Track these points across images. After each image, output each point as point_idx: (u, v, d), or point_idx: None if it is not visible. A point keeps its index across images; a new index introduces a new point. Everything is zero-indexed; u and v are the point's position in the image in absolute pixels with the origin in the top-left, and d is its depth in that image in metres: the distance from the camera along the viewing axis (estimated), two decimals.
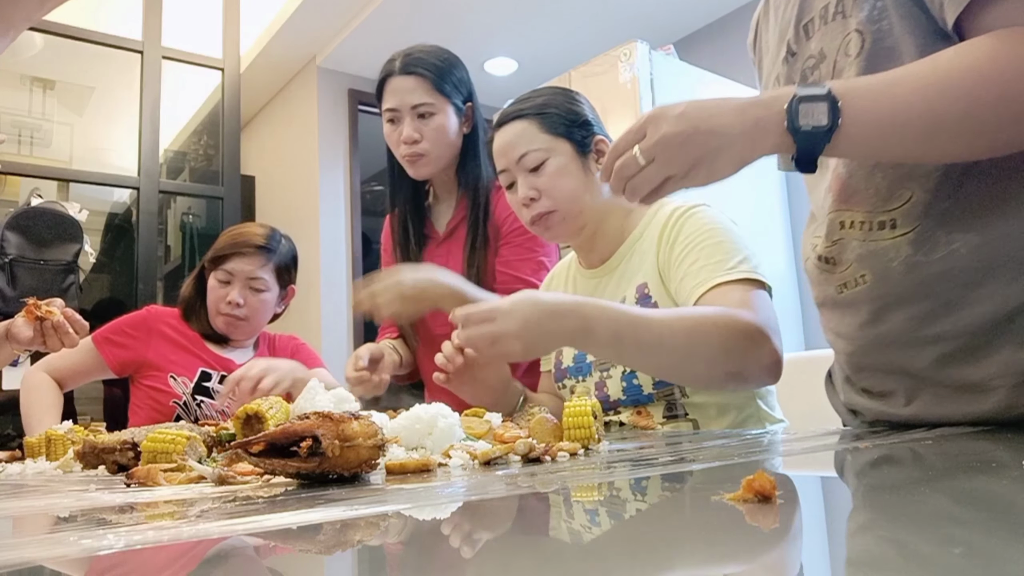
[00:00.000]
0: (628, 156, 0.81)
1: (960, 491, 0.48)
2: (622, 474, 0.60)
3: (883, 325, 0.83)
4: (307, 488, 0.59)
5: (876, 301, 0.83)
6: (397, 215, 1.72)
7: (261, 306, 1.81)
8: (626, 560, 0.33)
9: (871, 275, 0.83)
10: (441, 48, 1.60)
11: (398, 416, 0.79)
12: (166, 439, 0.77)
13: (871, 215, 0.82)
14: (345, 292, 4.25)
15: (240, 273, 1.77)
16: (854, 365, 0.91)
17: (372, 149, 4.93)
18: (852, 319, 0.87)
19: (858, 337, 0.87)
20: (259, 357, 1.90)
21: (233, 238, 1.81)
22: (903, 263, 0.79)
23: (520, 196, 1.26)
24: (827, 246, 0.88)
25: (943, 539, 0.34)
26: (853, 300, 0.86)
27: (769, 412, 1.21)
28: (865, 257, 0.83)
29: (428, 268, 1.40)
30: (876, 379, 0.88)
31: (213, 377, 1.81)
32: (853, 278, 0.85)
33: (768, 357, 1.01)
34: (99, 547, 0.38)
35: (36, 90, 3.98)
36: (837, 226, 0.86)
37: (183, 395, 1.76)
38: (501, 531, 0.45)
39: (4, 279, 2.97)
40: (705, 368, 1.02)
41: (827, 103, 0.71)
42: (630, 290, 1.23)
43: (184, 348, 1.82)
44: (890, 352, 0.84)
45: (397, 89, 1.55)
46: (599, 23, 3.89)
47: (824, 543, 0.39)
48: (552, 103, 1.27)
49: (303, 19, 3.91)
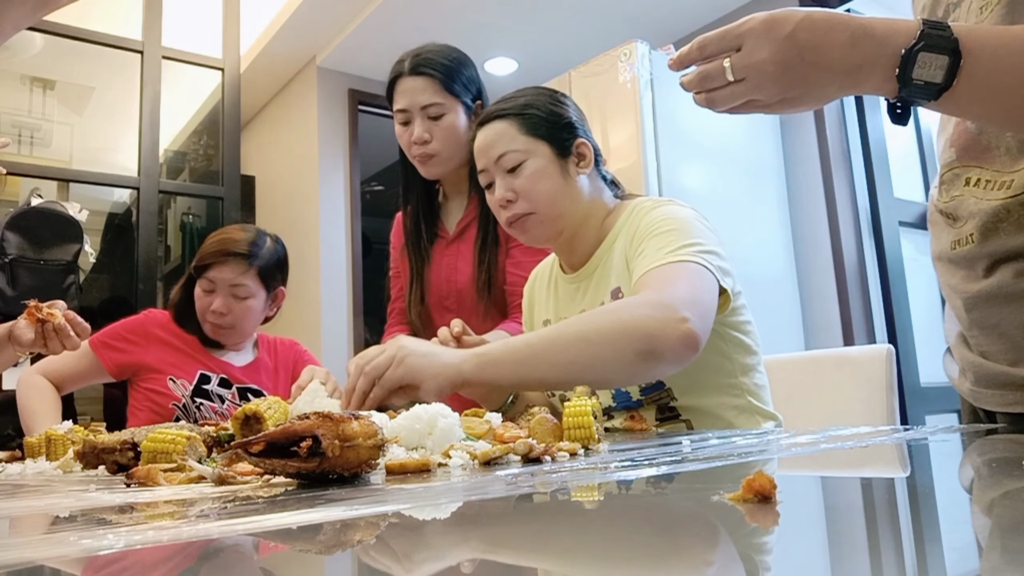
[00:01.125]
0: (716, 66, 0.73)
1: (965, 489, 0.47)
2: (622, 474, 0.60)
3: (991, 280, 0.82)
4: (307, 488, 0.59)
5: (985, 259, 0.82)
6: (409, 213, 1.72)
7: (246, 313, 1.79)
8: (626, 560, 0.33)
9: (979, 235, 0.81)
10: (450, 47, 1.61)
11: (398, 416, 0.79)
12: (166, 439, 0.77)
13: (998, 174, 0.79)
14: (345, 292, 4.25)
15: (222, 281, 1.75)
16: (966, 321, 0.89)
17: (372, 149, 4.94)
18: (964, 274, 0.86)
19: (968, 292, 0.86)
20: (259, 363, 1.90)
21: (214, 245, 1.79)
22: (1013, 224, 0.77)
23: (497, 197, 1.25)
24: (946, 201, 0.86)
25: (948, 541, 0.34)
26: (964, 257, 0.84)
27: (761, 407, 1.21)
28: (976, 215, 0.81)
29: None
30: (984, 336, 0.86)
31: (212, 379, 1.80)
32: (966, 235, 0.83)
33: (676, 329, 0.95)
34: (99, 547, 0.38)
35: (36, 90, 3.98)
36: (962, 181, 0.83)
37: (182, 397, 1.76)
38: (501, 531, 0.45)
39: (4, 279, 2.97)
40: (613, 353, 0.96)
41: (948, 58, 0.64)
42: (607, 296, 1.23)
43: (182, 351, 1.82)
44: (994, 308, 0.82)
45: (407, 90, 1.55)
46: (599, 23, 3.89)
47: (824, 543, 0.39)
48: (534, 104, 1.26)
49: (303, 19, 3.91)
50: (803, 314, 3.33)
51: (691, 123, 3.03)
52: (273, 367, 1.94)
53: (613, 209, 1.29)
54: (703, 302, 1.02)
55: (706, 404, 1.18)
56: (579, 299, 1.28)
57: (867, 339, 3.22)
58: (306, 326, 4.21)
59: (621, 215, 1.26)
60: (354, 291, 4.25)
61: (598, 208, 1.27)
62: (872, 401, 1.42)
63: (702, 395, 1.17)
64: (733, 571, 0.32)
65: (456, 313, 1.63)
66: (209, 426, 0.94)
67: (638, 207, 1.23)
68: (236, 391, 1.83)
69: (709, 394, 1.17)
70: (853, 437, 0.80)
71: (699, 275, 1.05)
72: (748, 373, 1.21)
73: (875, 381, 1.43)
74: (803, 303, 3.33)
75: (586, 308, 1.26)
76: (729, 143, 3.17)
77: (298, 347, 2.02)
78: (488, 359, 1.00)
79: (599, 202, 1.28)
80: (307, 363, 1.97)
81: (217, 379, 1.81)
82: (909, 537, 0.37)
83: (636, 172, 2.79)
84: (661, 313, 0.96)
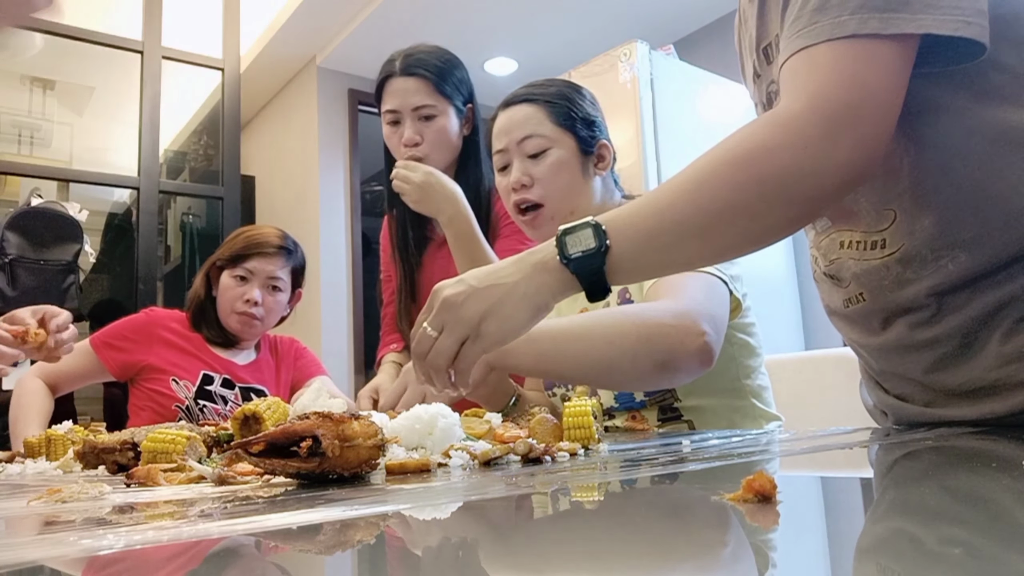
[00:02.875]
0: (420, 333, 0.80)
1: (959, 490, 0.47)
2: (622, 474, 0.60)
3: (888, 334, 0.83)
4: (307, 488, 0.59)
5: (878, 315, 0.83)
6: (396, 216, 1.69)
7: (276, 306, 1.82)
8: (626, 560, 0.33)
9: (867, 294, 0.83)
10: (442, 48, 1.58)
11: (398, 416, 0.79)
12: (166, 439, 0.77)
13: (866, 235, 0.81)
14: (345, 292, 4.25)
15: (260, 272, 1.78)
16: (873, 369, 0.91)
17: (372, 149, 4.93)
18: (861, 330, 0.87)
19: (869, 345, 0.88)
20: (262, 361, 1.90)
21: (252, 238, 1.82)
22: (894, 281, 0.79)
23: (512, 179, 1.22)
24: (827, 264, 0.88)
25: (943, 539, 0.34)
26: (858, 314, 0.86)
27: (764, 408, 1.21)
28: (860, 276, 0.83)
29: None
30: (893, 382, 0.88)
31: (215, 380, 1.80)
32: (854, 295, 0.85)
33: (693, 341, 0.96)
34: (99, 547, 0.38)
35: (36, 90, 3.98)
36: (837, 245, 0.86)
37: (185, 399, 1.75)
38: (501, 531, 0.45)
39: (4, 279, 2.97)
40: (632, 361, 0.97)
41: (591, 228, 0.74)
42: (612, 296, 1.22)
43: (185, 351, 1.81)
44: (896, 358, 0.84)
45: (397, 90, 1.52)
46: (599, 23, 3.89)
47: (824, 543, 0.39)
48: (567, 95, 1.24)
49: (303, 19, 3.91)
50: (803, 314, 3.32)
51: (691, 123, 3.03)
52: (275, 365, 1.94)
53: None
54: (718, 316, 1.02)
55: (709, 405, 1.17)
56: (580, 296, 1.27)
57: None
58: (306, 326, 4.21)
59: None
60: (354, 291, 4.25)
61: (607, 209, 1.26)
62: None
63: (706, 396, 1.17)
64: (733, 571, 0.32)
65: None
66: (209, 426, 0.94)
67: None
68: (239, 391, 1.82)
69: (713, 395, 1.17)
70: (853, 437, 0.80)
71: (713, 286, 1.06)
72: (751, 375, 1.21)
73: None
74: (803, 303, 3.33)
75: (587, 307, 1.26)
76: None
77: (297, 344, 2.02)
78: (510, 347, 0.99)
79: (609, 203, 1.27)
80: (307, 360, 1.98)
81: (220, 379, 1.80)
82: (909, 537, 0.37)
83: (636, 172, 2.79)
84: (682, 324, 0.97)
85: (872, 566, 0.31)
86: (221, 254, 1.83)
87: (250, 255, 1.78)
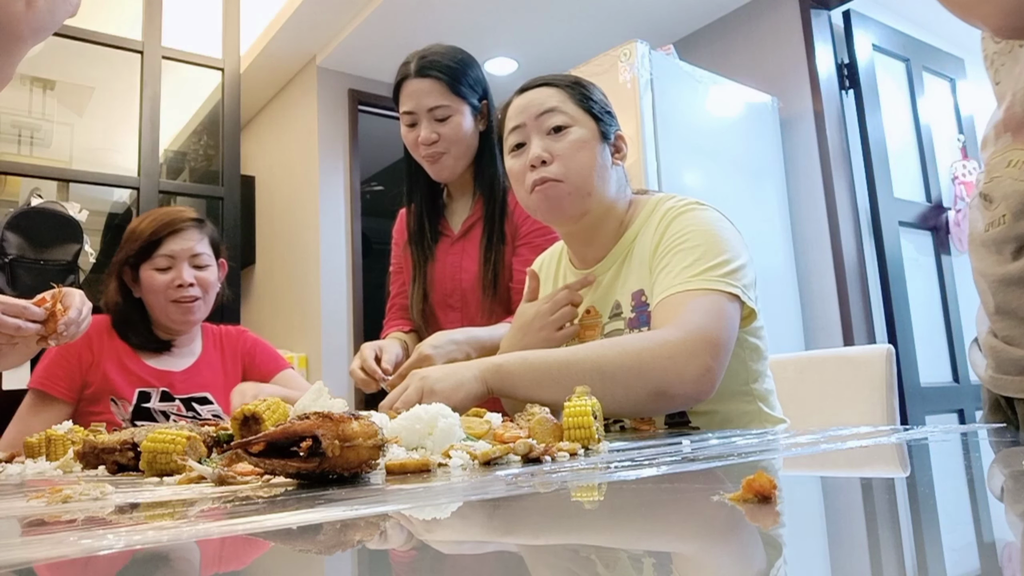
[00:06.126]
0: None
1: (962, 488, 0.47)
2: (622, 474, 0.60)
3: (1017, 264, 0.83)
4: (307, 488, 0.59)
5: (1013, 242, 0.84)
6: (413, 211, 1.72)
7: (210, 284, 1.73)
8: (626, 560, 0.33)
9: (1011, 215, 0.83)
10: (455, 48, 1.62)
11: (398, 416, 0.79)
12: (166, 439, 0.77)
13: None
14: (345, 292, 4.25)
15: (181, 252, 1.69)
16: (992, 306, 0.90)
17: (372, 149, 4.94)
18: (994, 258, 0.88)
19: (995, 275, 0.88)
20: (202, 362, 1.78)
21: (158, 220, 1.71)
22: None
23: (531, 156, 1.18)
24: (987, 182, 0.89)
25: (948, 539, 0.34)
26: (994, 240, 0.86)
27: (770, 412, 1.21)
28: (1009, 196, 0.84)
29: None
30: (1005, 322, 0.87)
31: (152, 396, 1.68)
32: (998, 217, 0.86)
33: (692, 371, 0.98)
34: (99, 547, 0.38)
35: (36, 90, 3.98)
36: (1004, 163, 0.87)
37: (123, 422, 1.63)
38: (501, 532, 0.45)
39: (4, 279, 2.96)
40: (624, 392, 1.00)
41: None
42: (625, 297, 1.21)
43: (119, 364, 1.69)
44: (1017, 291, 0.84)
45: (413, 92, 1.56)
46: (599, 23, 3.89)
47: (824, 543, 0.39)
48: (582, 83, 1.24)
49: (303, 19, 3.91)
50: (803, 314, 3.32)
51: (691, 123, 3.03)
52: (220, 360, 1.82)
53: (631, 206, 1.27)
54: (722, 341, 1.02)
55: (718, 410, 1.16)
56: (589, 294, 1.27)
57: (867, 339, 3.22)
58: (306, 326, 4.21)
59: (639, 212, 1.24)
60: (354, 291, 4.25)
61: (621, 202, 1.25)
62: (872, 401, 1.42)
63: (716, 401, 1.15)
64: (734, 571, 0.32)
65: (460, 311, 1.64)
66: (209, 426, 0.94)
67: (662, 207, 1.21)
68: (180, 403, 1.70)
69: (723, 400, 1.15)
70: (853, 437, 0.80)
71: (722, 306, 1.05)
72: (759, 379, 1.20)
73: (875, 381, 1.43)
74: (803, 303, 3.33)
75: (596, 304, 1.26)
76: (729, 143, 3.16)
77: (247, 335, 1.90)
78: (506, 371, 1.06)
79: (623, 197, 1.26)
80: (266, 355, 1.87)
81: (158, 394, 1.68)
82: (909, 537, 0.37)
83: (636, 172, 2.79)
84: (680, 355, 0.99)
85: None
86: (129, 250, 1.70)
87: (162, 238, 1.68)
